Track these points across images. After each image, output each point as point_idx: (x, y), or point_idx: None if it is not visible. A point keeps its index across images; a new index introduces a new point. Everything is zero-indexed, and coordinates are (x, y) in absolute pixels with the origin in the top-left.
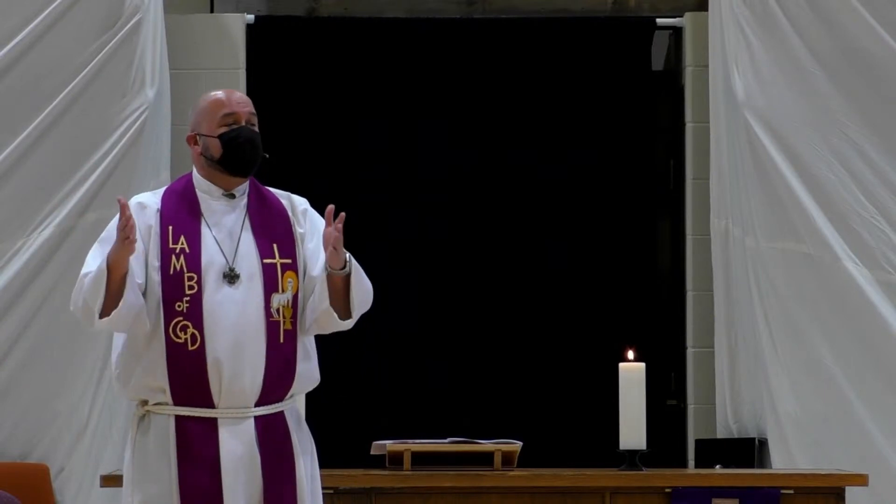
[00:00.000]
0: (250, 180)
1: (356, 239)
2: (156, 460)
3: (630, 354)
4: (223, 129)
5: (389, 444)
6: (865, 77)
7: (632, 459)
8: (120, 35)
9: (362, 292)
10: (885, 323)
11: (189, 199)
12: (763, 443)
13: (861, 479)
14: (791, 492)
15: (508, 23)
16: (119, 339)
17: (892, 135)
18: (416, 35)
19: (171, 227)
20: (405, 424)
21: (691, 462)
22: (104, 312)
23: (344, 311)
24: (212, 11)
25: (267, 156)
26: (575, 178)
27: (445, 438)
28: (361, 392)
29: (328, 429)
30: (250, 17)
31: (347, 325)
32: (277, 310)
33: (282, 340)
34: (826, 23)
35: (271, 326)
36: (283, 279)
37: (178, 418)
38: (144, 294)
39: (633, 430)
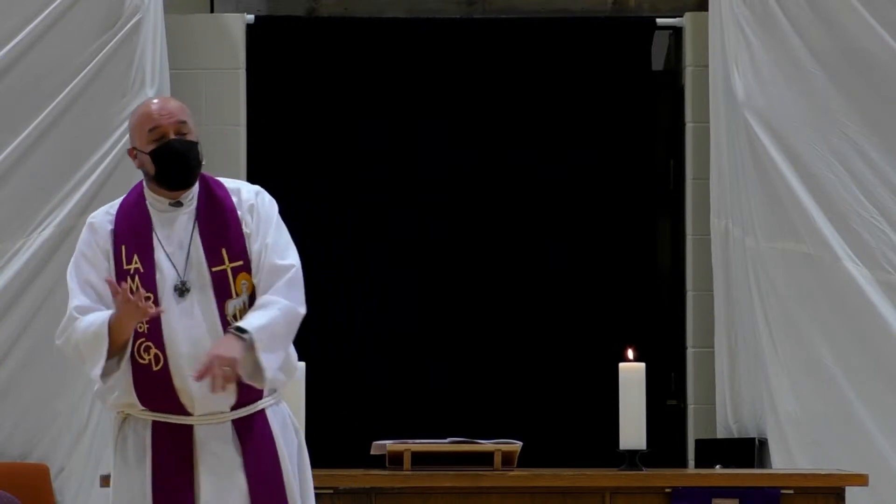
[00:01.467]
0: (200, 180)
1: (356, 239)
2: (134, 461)
3: (630, 354)
4: (153, 146)
5: (389, 444)
6: (865, 77)
7: (632, 459)
8: (120, 35)
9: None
10: (885, 323)
11: (141, 213)
12: (763, 443)
13: (861, 479)
14: (791, 492)
15: (508, 23)
16: None
17: (892, 135)
18: (416, 35)
19: (124, 247)
20: (405, 424)
21: (691, 462)
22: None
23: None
24: (212, 11)
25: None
26: (575, 178)
27: (445, 438)
28: (361, 392)
29: (328, 429)
30: (250, 17)
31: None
32: (234, 315)
33: None
34: (826, 23)
35: None
36: (236, 284)
37: (156, 423)
38: None
39: (633, 430)
